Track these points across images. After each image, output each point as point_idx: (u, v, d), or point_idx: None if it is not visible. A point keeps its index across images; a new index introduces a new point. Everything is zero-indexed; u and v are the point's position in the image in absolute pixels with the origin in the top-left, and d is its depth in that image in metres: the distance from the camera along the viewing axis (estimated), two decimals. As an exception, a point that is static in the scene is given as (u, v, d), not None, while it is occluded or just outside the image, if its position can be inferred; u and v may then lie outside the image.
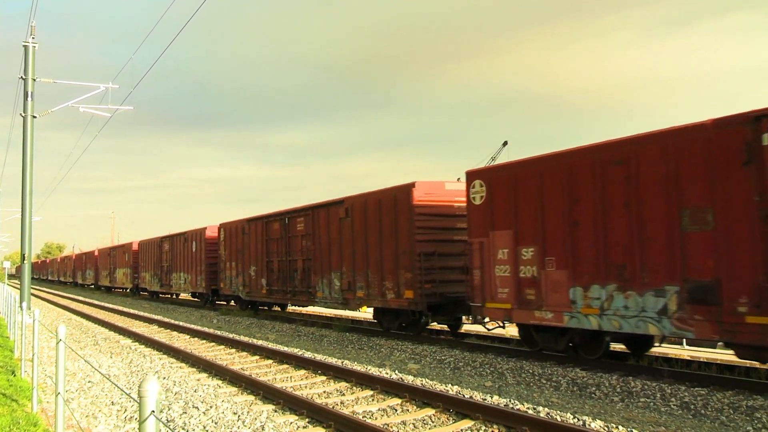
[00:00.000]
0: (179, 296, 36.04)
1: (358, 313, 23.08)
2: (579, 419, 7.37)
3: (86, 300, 35.67)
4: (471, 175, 12.58)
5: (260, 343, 14.46)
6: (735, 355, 8.94)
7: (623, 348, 11.43)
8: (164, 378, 10.59)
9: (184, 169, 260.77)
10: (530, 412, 7.71)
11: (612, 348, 11.30)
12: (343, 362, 11.68)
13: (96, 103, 21.49)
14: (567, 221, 10.51)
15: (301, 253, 19.09)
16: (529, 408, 7.94)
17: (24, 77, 19.26)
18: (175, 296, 36.39)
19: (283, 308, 24.63)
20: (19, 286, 22.29)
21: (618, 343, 11.28)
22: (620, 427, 7.01)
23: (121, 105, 21.19)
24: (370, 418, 7.69)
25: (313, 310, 24.47)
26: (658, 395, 8.46)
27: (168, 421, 7.58)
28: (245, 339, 15.46)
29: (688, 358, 11.93)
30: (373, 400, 8.68)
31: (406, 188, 14.39)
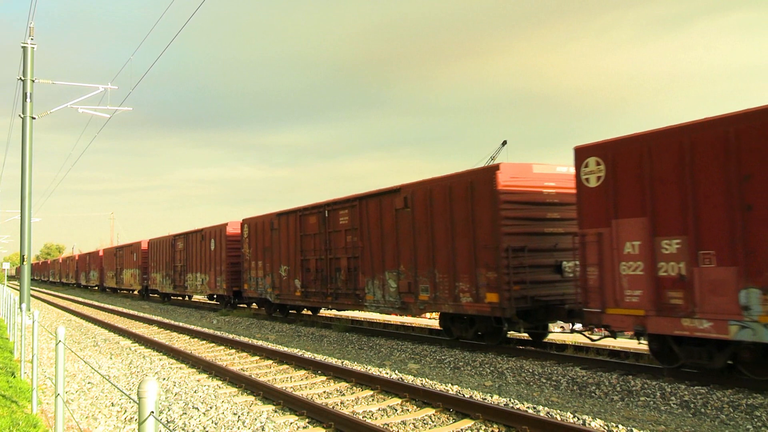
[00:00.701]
0: (192, 298, 33.84)
1: (369, 315, 21.46)
2: (579, 418, 7.37)
3: (87, 301, 35.66)
4: (582, 152, 10.25)
5: (260, 343, 14.46)
6: None
7: None
8: (164, 379, 10.60)
9: (184, 170, 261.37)
10: (530, 411, 7.71)
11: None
12: (343, 362, 11.68)
13: (95, 104, 21.47)
14: (734, 204, 8.37)
15: (345, 250, 16.74)
16: (529, 407, 7.94)
17: (23, 78, 19.25)
18: (188, 298, 34.01)
19: (315, 312, 22.01)
20: (18, 288, 22.27)
21: None
22: (620, 425, 7.01)
23: (120, 106, 21.19)
24: (370, 418, 7.69)
25: (357, 314, 22.02)
26: (658, 394, 8.46)
27: (168, 422, 7.58)
28: (245, 339, 15.46)
29: None
30: (373, 400, 8.68)
31: (488, 171, 12.34)
